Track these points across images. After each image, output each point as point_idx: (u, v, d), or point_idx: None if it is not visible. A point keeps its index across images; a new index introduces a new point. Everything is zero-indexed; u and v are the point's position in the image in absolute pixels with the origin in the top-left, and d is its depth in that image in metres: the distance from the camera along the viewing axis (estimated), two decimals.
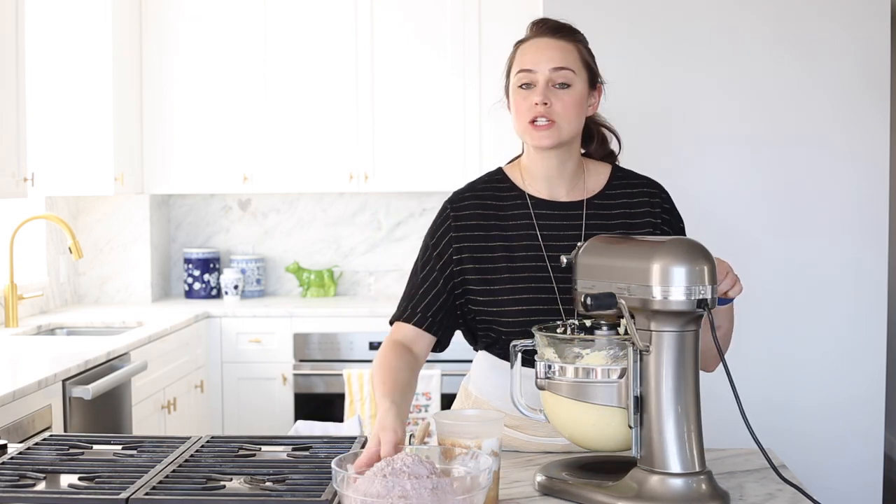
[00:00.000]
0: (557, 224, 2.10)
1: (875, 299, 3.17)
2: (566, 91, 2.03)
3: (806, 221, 3.17)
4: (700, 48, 3.16)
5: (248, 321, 4.97)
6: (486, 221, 2.12)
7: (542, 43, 2.05)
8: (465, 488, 1.53)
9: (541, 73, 2.02)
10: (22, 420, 3.02)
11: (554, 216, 2.11)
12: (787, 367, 3.19)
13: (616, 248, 1.78)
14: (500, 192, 2.15)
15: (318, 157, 5.16)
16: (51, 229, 4.89)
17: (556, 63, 2.02)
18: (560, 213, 2.11)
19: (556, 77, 2.02)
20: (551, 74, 2.02)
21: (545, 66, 2.02)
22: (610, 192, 2.14)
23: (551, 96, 2.02)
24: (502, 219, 2.12)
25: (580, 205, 2.12)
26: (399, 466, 1.53)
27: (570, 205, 2.12)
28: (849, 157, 3.16)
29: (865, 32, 3.12)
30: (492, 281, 2.08)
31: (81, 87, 4.75)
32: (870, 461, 3.17)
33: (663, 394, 1.68)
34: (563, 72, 2.02)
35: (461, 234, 2.11)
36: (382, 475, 1.52)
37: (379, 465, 1.55)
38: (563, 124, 2.03)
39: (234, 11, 5.12)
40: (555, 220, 2.11)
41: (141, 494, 1.66)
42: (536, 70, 2.03)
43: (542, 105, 2.01)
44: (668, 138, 3.18)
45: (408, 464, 1.54)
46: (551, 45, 2.04)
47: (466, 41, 5.05)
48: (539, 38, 2.06)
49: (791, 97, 3.16)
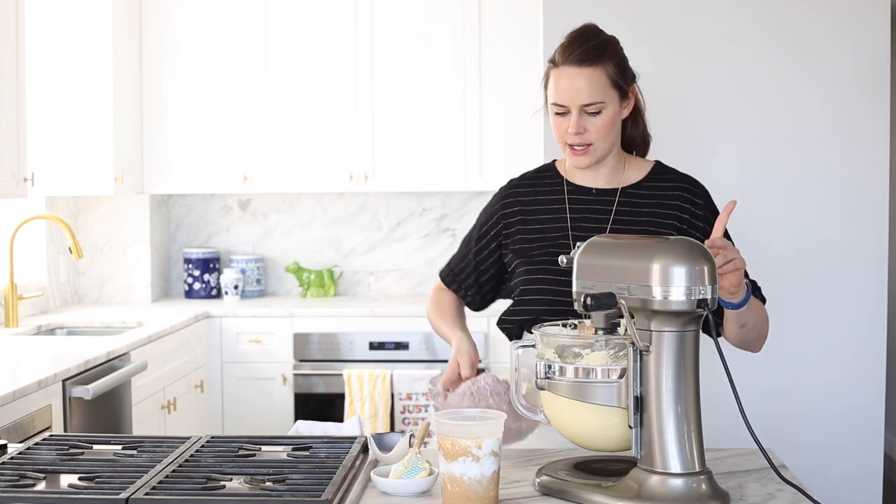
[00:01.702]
0: (588, 209, 2.24)
1: (875, 299, 3.17)
2: (598, 116, 2.17)
3: (805, 223, 3.17)
4: (700, 48, 3.16)
5: (248, 321, 4.97)
6: (528, 207, 2.29)
7: (571, 73, 2.16)
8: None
9: (573, 106, 2.16)
10: (22, 420, 3.02)
11: (586, 201, 2.26)
12: (787, 368, 3.19)
13: (616, 248, 1.78)
14: (544, 179, 2.32)
15: (318, 157, 5.15)
16: (51, 229, 4.90)
17: (584, 100, 2.15)
18: (593, 199, 2.26)
19: (587, 108, 2.16)
20: (582, 107, 2.15)
21: (575, 103, 2.15)
22: (647, 185, 2.26)
23: (585, 123, 2.17)
24: (541, 203, 2.29)
25: (614, 192, 2.25)
26: (482, 385, 1.91)
27: (604, 192, 2.26)
28: (849, 157, 3.16)
29: (865, 32, 3.12)
30: (528, 257, 2.25)
31: (81, 87, 4.75)
32: (870, 461, 3.18)
33: (663, 394, 1.68)
34: (592, 105, 2.15)
35: (509, 220, 2.30)
36: (469, 393, 1.94)
37: (465, 385, 1.91)
38: (598, 145, 2.19)
39: (235, 12, 5.12)
40: (586, 205, 2.25)
41: (141, 494, 1.66)
42: (568, 105, 2.16)
43: (576, 135, 2.16)
44: (668, 138, 3.17)
45: (489, 383, 1.93)
46: (580, 77, 2.15)
47: (466, 41, 5.05)
48: (567, 67, 2.17)
49: (791, 97, 3.16)
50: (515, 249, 2.28)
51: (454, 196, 5.45)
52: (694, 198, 2.24)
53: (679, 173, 2.29)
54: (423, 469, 1.81)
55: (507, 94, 4.98)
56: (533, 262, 2.24)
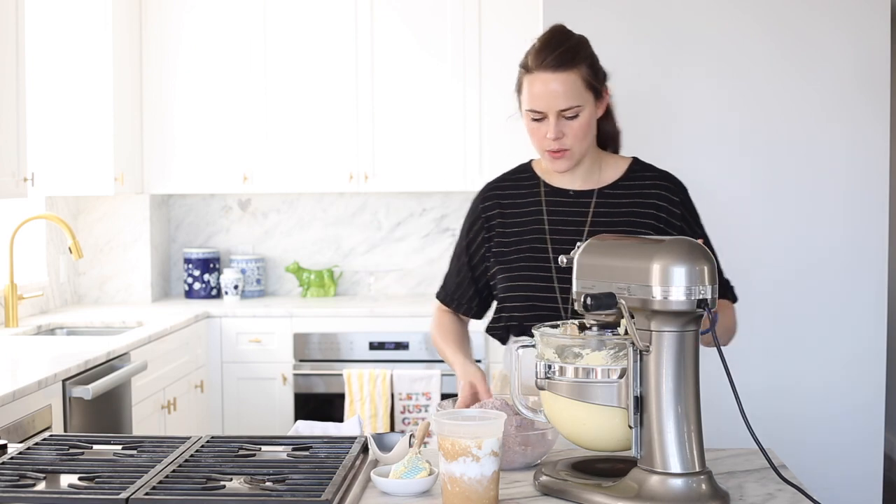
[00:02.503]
0: (566, 211, 2.24)
1: (875, 299, 3.17)
2: (575, 120, 2.16)
3: (804, 224, 3.17)
4: (700, 48, 3.16)
5: (248, 321, 4.97)
6: (506, 210, 2.28)
7: (546, 79, 2.15)
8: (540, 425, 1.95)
9: (550, 112, 2.15)
10: (22, 420, 3.02)
11: (564, 203, 2.25)
12: (787, 368, 3.19)
13: (616, 248, 1.78)
14: (521, 181, 2.31)
15: (318, 157, 5.15)
16: (51, 229, 4.89)
17: (561, 106, 2.15)
18: (570, 201, 2.25)
19: (564, 113, 2.15)
20: (560, 113, 2.15)
21: (553, 109, 2.15)
22: (624, 184, 2.26)
23: (563, 128, 2.16)
24: (519, 206, 2.28)
25: (591, 194, 2.25)
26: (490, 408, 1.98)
27: (581, 193, 2.25)
28: (849, 157, 3.16)
29: (865, 32, 3.12)
30: (506, 263, 2.25)
31: (81, 87, 4.75)
32: (870, 461, 3.17)
33: (663, 394, 1.68)
34: (570, 110, 2.15)
35: (490, 223, 2.29)
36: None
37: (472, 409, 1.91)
38: (576, 148, 2.19)
39: (235, 12, 5.12)
40: (564, 207, 2.25)
41: (141, 494, 1.66)
42: (545, 111, 2.16)
43: (554, 140, 2.16)
44: (668, 138, 3.18)
45: (497, 406, 2.01)
46: (555, 82, 2.14)
47: (466, 41, 5.05)
48: (541, 73, 2.15)
49: (791, 97, 3.16)
50: (495, 252, 2.28)
51: (454, 196, 5.45)
52: (671, 195, 2.24)
53: (657, 170, 2.29)
54: (423, 469, 1.81)
55: (507, 94, 4.93)
56: (512, 269, 2.25)
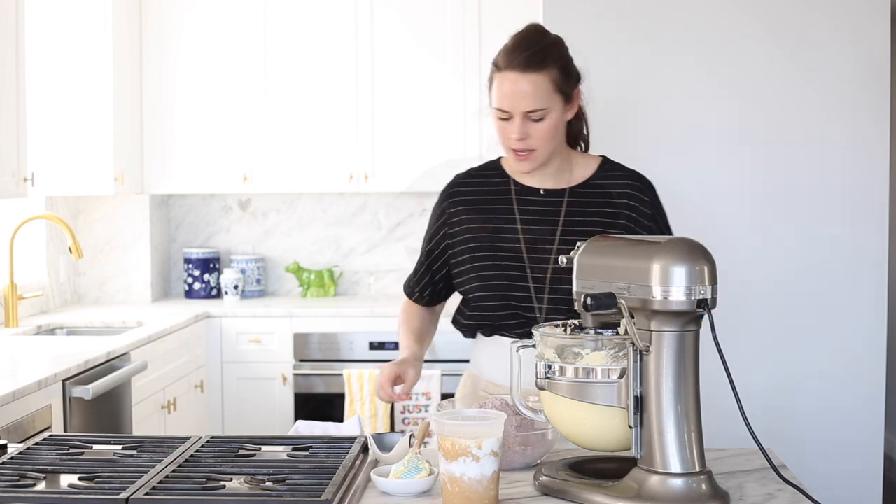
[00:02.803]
0: (537, 210, 2.24)
1: (875, 299, 3.17)
2: (542, 122, 2.15)
3: (805, 224, 3.17)
4: (700, 48, 3.16)
5: (248, 321, 4.97)
6: (473, 206, 2.28)
7: (514, 79, 2.14)
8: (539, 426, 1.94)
9: (516, 113, 2.14)
10: (22, 420, 3.02)
11: (535, 202, 2.25)
12: (787, 368, 3.18)
13: (616, 248, 1.78)
14: (490, 178, 2.30)
15: (318, 157, 5.15)
16: (51, 229, 4.89)
17: (527, 107, 2.14)
18: (541, 200, 2.24)
19: (530, 114, 2.14)
20: (525, 114, 2.14)
21: (518, 109, 2.14)
22: (594, 183, 2.26)
23: (528, 129, 2.15)
24: (488, 203, 2.27)
25: (562, 193, 2.25)
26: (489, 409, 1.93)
27: (553, 192, 2.25)
28: (849, 157, 3.16)
29: (865, 32, 3.12)
30: (474, 260, 2.25)
31: (81, 87, 4.74)
32: (870, 460, 3.17)
33: (663, 394, 1.68)
34: (536, 112, 2.14)
35: (453, 219, 2.29)
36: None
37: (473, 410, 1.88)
38: (541, 150, 2.18)
39: (235, 12, 5.12)
40: (535, 207, 2.24)
41: (141, 494, 1.66)
42: (511, 111, 2.15)
43: (519, 141, 2.16)
44: (668, 138, 3.18)
45: (497, 406, 1.98)
46: (523, 83, 2.13)
47: (466, 41, 5.05)
48: (510, 73, 2.15)
49: (791, 97, 3.15)
50: (464, 248, 2.28)
51: None
52: (641, 195, 2.25)
53: (627, 169, 2.29)
54: (423, 469, 1.81)
55: None
56: (485, 268, 2.25)
